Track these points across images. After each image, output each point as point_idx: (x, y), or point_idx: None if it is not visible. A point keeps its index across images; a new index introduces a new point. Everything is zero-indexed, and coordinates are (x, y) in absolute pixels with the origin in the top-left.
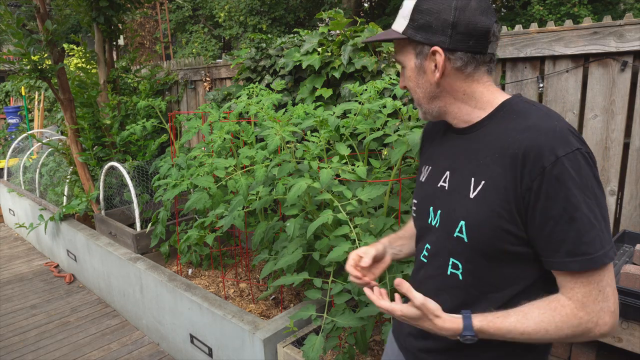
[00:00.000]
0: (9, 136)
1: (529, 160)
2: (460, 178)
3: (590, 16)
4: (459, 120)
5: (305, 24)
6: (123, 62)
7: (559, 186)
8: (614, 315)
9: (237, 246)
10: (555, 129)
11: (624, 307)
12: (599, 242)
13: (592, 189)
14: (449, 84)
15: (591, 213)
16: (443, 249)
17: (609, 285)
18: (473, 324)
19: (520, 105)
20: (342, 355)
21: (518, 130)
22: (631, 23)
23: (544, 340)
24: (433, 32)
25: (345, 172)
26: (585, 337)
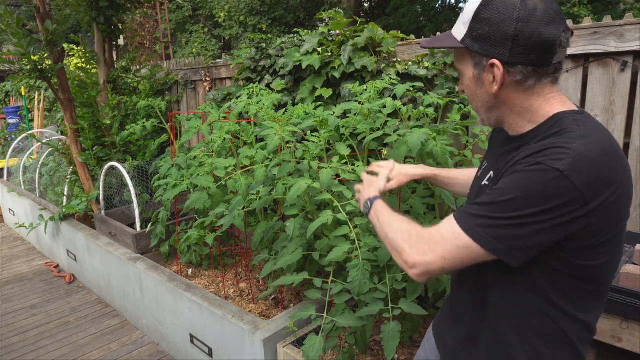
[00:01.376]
0: (9, 136)
1: (521, 153)
2: (495, 179)
3: (590, 16)
4: (512, 130)
5: (305, 24)
6: (123, 62)
7: (516, 176)
8: (423, 266)
9: (237, 246)
10: (563, 145)
11: (624, 307)
12: (482, 221)
13: (535, 205)
14: (507, 96)
15: (504, 210)
16: None
17: (449, 251)
18: (376, 201)
19: (565, 122)
20: (342, 355)
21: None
22: (631, 23)
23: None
24: (492, 44)
25: (345, 172)
26: (397, 259)
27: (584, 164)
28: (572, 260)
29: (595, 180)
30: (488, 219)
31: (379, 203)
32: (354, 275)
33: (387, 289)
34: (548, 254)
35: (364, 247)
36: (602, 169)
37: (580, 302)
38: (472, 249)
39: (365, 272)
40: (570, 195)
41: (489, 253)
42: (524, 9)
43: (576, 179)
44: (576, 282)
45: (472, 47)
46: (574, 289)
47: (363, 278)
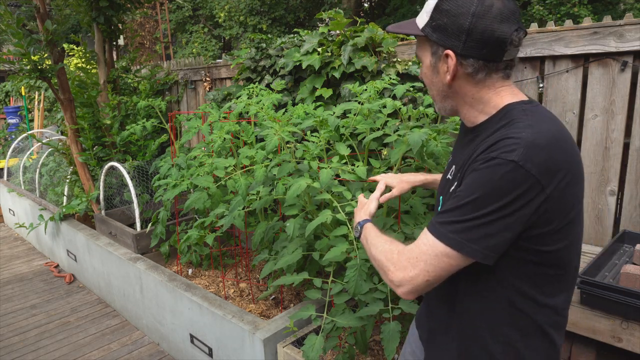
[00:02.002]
0: (9, 136)
1: (477, 151)
2: (456, 173)
3: (590, 16)
4: (467, 121)
5: (305, 24)
6: (123, 62)
7: (475, 175)
8: (409, 282)
9: (237, 246)
10: (513, 137)
11: (624, 307)
12: (453, 227)
13: (497, 199)
14: (459, 87)
15: (472, 210)
16: None
17: (429, 262)
18: (366, 224)
19: (514, 112)
20: (342, 355)
21: (494, 135)
22: (631, 23)
23: (371, 255)
24: (448, 35)
25: (345, 172)
26: (384, 277)
27: (535, 152)
28: (534, 247)
29: (547, 166)
30: (459, 224)
31: (368, 226)
32: (351, 275)
33: (387, 289)
34: (511, 245)
35: (362, 248)
36: (552, 155)
37: (546, 288)
38: (451, 256)
39: (362, 273)
40: (528, 183)
41: (466, 257)
42: (481, 4)
43: (531, 167)
44: (540, 268)
45: (430, 36)
46: (538, 275)
47: (359, 278)
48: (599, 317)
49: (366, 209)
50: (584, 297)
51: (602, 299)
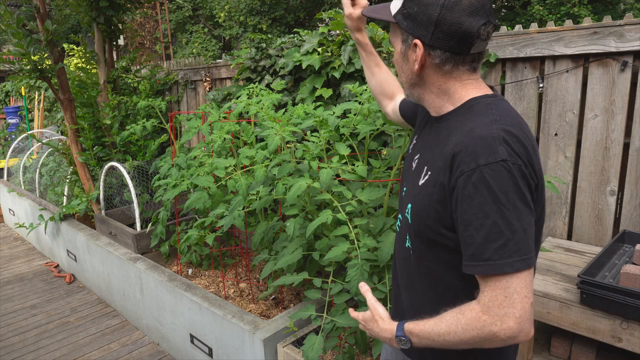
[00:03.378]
0: (9, 136)
1: (455, 162)
2: (420, 163)
3: (590, 16)
4: (432, 110)
5: (305, 24)
6: (123, 62)
7: (474, 193)
8: (519, 321)
9: (237, 246)
10: (487, 137)
11: (623, 307)
12: (505, 251)
13: (512, 200)
14: (427, 76)
15: (503, 222)
16: (403, 224)
17: (516, 293)
18: (404, 325)
19: (478, 107)
20: (342, 355)
21: (460, 131)
22: (631, 23)
23: (458, 342)
24: (417, 24)
25: (345, 172)
26: (494, 342)
27: (514, 143)
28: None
29: (527, 154)
30: (507, 246)
31: (410, 327)
32: (352, 275)
33: (386, 289)
34: None
35: (363, 247)
36: (525, 143)
37: None
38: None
39: (363, 272)
40: (522, 172)
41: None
42: None
43: (517, 159)
44: None
45: (401, 23)
46: None
47: (361, 278)
48: (599, 317)
49: (380, 317)
50: (584, 297)
51: (602, 299)
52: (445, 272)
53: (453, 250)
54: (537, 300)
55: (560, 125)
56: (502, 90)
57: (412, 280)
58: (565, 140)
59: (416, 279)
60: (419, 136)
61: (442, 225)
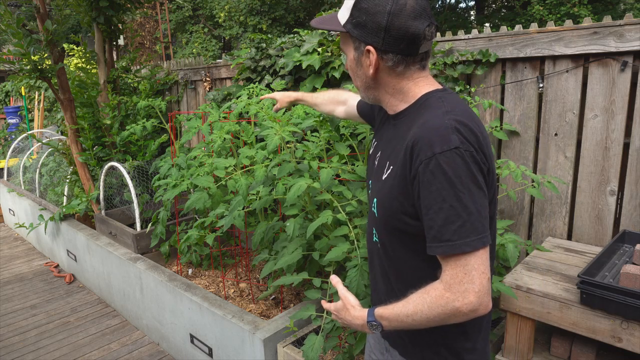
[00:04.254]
0: (9, 136)
1: (414, 153)
2: (382, 159)
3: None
4: (389, 108)
5: (305, 24)
6: (123, 62)
7: (432, 179)
8: (479, 295)
9: (237, 246)
10: (440, 127)
11: (624, 307)
12: (463, 232)
13: (466, 184)
14: (381, 79)
15: (460, 205)
16: (370, 219)
17: (475, 269)
18: (375, 311)
19: (431, 101)
20: (342, 355)
21: (416, 124)
22: (631, 23)
23: (426, 321)
24: (368, 32)
25: (345, 172)
26: (458, 316)
27: (465, 131)
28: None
29: (477, 140)
30: (463, 227)
31: (379, 311)
32: (352, 275)
33: None
34: None
35: (362, 247)
36: (476, 131)
37: None
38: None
39: (363, 272)
40: (474, 158)
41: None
42: (396, 3)
43: (469, 145)
44: None
45: (352, 32)
46: None
47: (362, 278)
48: (599, 317)
49: (352, 305)
50: (584, 297)
51: (602, 299)
52: (411, 258)
53: (416, 236)
54: (537, 300)
55: (560, 125)
56: (501, 90)
57: (385, 271)
58: (565, 140)
59: (387, 268)
60: (378, 135)
61: (405, 213)
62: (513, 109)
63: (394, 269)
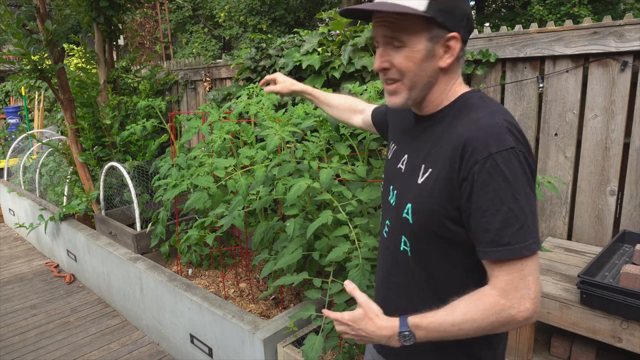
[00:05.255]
0: (9, 136)
1: (467, 153)
2: (414, 162)
3: (590, 16)
4: (425, 108)
5: (305, 24)
6: (123, 62)
7: (489, 180)
8: (535, 302)
9: (237, 246)
10: (494, 127)
11: (624, 307)
12: (521, 235)
13: (522, 186)
14: (448, 72)
15: (517, 207)
16: (397, 227)
17: (530, 275)
18: (408, 320)
19: (473, 100)
20: (342, 355)
21: (464, 124)
22: (631, 23)
23: (475, 330)
24: (454, 18)
25: (345, 172)
26: (511, 324)
27: (516, 133)
28: None
29: (523, 137)
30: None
31: (415, 320)
32: (354, 275)
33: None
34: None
35: (363, 247)
36: (520, 129)
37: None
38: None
39: (365, 272)
40: (528, 161)
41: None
42: None
43: (522, 147)
44: None
45: (438, 17)
46: None
47: (363, 278)
48: (599, 317)
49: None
50: (584, 297)
51: (602, 299)
52: (449, 267)
53: (458, 244)
54: None
55: (560, 125)
56: (501, 90)
57: (414, 282)
58: (565, 140)
59: (417, 280)
60: (400, 139)
61: (448, 218)
62: (513, 109)
63: (427, 280)
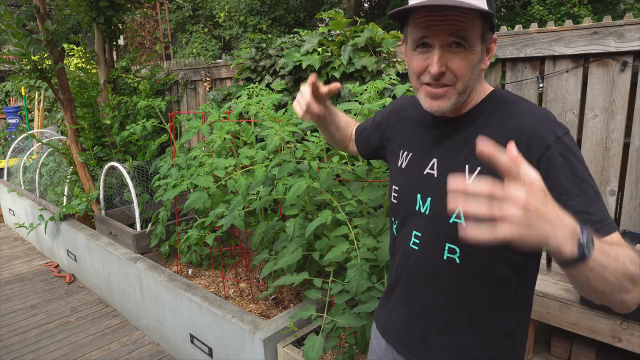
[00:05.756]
0: (9, 136)
1: (534, 141)
2: (452, 166)
3: (590, 16)
4: (463, 109)
5: (305, 24)
6: (123, 62)
7: (564, 162)
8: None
9: (237, 246)
10: (549, 115)
11: None
12: (605, 211)
13: (585, 165)
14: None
15: (594, 183)
16: (437, 235)
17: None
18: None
19: (507, 95)
20: (342, 355)
21: (513, 117)
22: (631, 23)
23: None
24: (493, 18)
25: (345, 172)
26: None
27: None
28: None
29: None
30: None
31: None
32: (352, 275)
33: (384, 288)
34: None
35: (362, 247)
36: None
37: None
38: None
39: (363, 272)
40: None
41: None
42: None
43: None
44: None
45: (493, 18)
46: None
47: (361, 278)
48: (599, 317)
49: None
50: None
51: None
52: (503, 267)
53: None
54: (537, 300)
55: None
56: None
57: (453, 296)
58: None
59: (466, 286)
60: (415, 146)
61: None
62: None
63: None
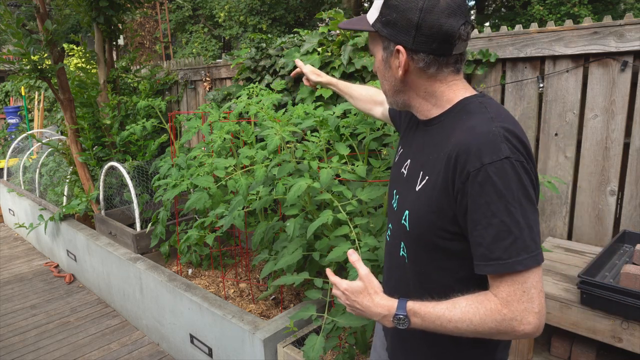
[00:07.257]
0: (9, 136)
1: (459, 163)
2: (414, 169)
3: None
4: (420, 114)
5: (305, 24)
6: (123, 62)
7: (480, 192)
8: (539, 316)
9: (237, 246)
10: (489, 135)
11: (624, 307)
12: (514, 249)
13: (517, 198)
14: (412, 81)
15: (511, 221)
16: (397, 232)
17: (534, 287)
18: (407, 304)
19: (471, 106)
20: (342, 355)
21: (459, 131)
22: (631, 23)
23: (470, 331)
24: (398, 30)
25: (345, 172)
26: (510, 335)
27: (514, 140)
28: None
29: (526, 149)
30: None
31: (414, 306)
32: (354, 276)
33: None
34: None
35: (364, 247)
36: (523, 138)
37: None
38: (539, 270)
39: None
40: (525, 169)
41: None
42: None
43: (519, 155)
44: None
45: (381, 31)
46: None
47: None
48: (599, 317)
49: (375, 290)
50: (584, 297)
51: (602, 299)
52: (443, 276)
53: (453, 255)
54: None
55: (560, 125)
56: (502, 90)
57: (408, 289)
58: (565, 140)
59: (411, 285)
60: (406, 143)
61: (443, 229)
62: (513, 109)
63: (421, 287)
